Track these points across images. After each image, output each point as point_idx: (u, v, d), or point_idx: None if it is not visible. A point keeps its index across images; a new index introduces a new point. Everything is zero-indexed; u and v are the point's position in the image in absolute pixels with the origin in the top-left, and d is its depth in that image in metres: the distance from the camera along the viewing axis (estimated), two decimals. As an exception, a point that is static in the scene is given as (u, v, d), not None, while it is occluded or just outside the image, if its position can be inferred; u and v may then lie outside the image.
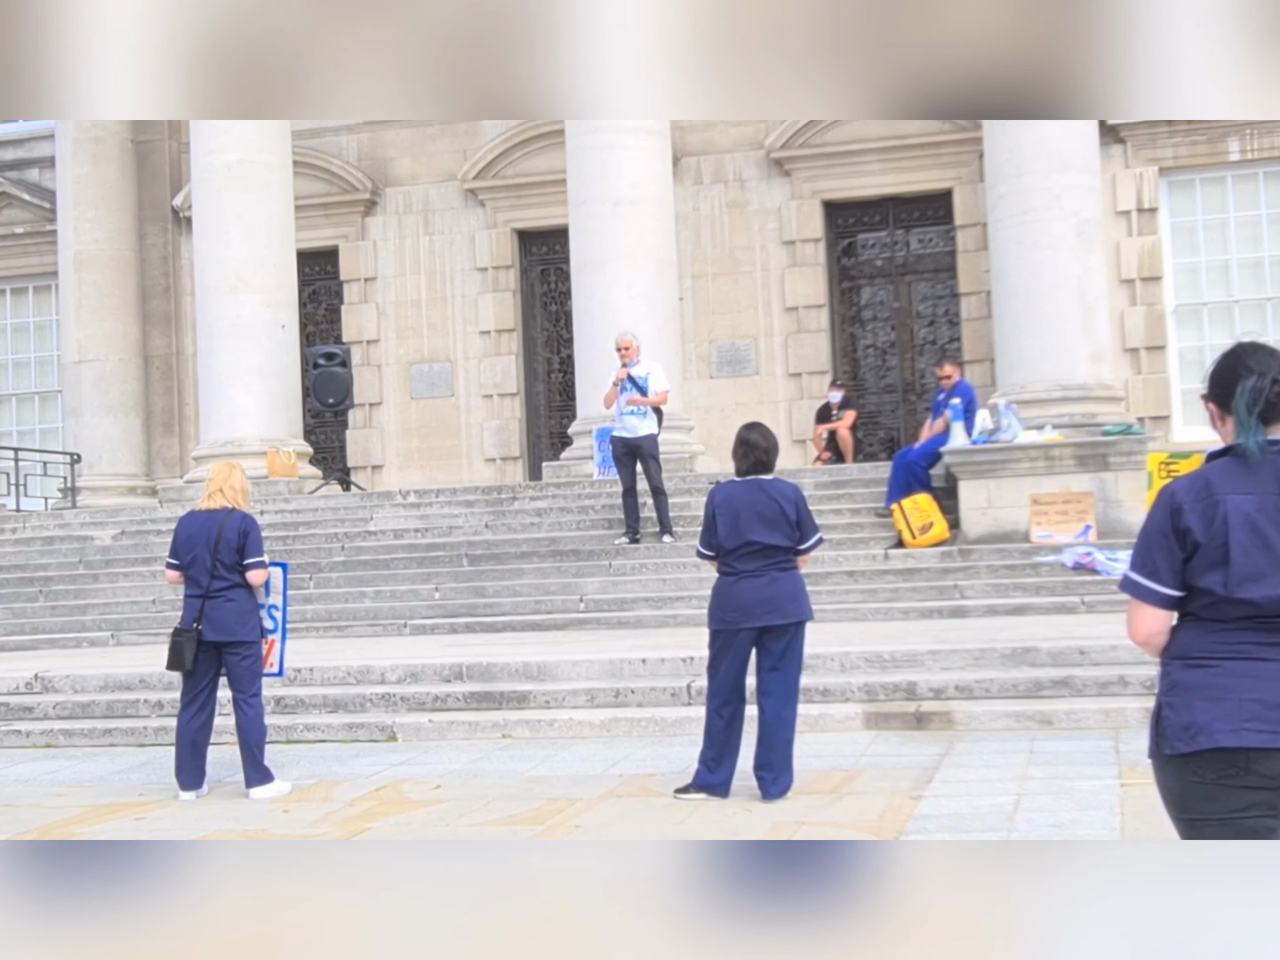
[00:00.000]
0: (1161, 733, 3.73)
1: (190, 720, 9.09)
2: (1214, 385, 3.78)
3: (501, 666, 11.32)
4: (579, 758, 9.57)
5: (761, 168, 21.06)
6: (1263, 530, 3.61)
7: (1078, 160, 16.28)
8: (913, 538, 14.56)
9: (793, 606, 8.01)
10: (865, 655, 10.74)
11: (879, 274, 21.50)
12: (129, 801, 9.01)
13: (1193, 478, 3.73)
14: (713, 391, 20.87)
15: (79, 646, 15.06)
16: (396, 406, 22.38)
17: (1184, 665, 3.72)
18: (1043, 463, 14.62)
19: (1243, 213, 19.49)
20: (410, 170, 22.49)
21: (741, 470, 8.15)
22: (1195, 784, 3.66)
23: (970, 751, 9.00)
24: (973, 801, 7.63)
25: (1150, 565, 3.71)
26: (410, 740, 10.57)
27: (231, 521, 9.07)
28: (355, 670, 11.64)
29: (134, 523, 18.13)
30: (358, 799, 8.65)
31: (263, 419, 18.72)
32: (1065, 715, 9.61)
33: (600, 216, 17.51)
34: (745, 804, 7.91)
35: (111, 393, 22.08)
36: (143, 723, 11.29)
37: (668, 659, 11.06)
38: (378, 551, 16.12)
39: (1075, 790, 7.73)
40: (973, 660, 10.56)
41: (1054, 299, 15.99)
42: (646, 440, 15.06)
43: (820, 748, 9.30)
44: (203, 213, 19.11)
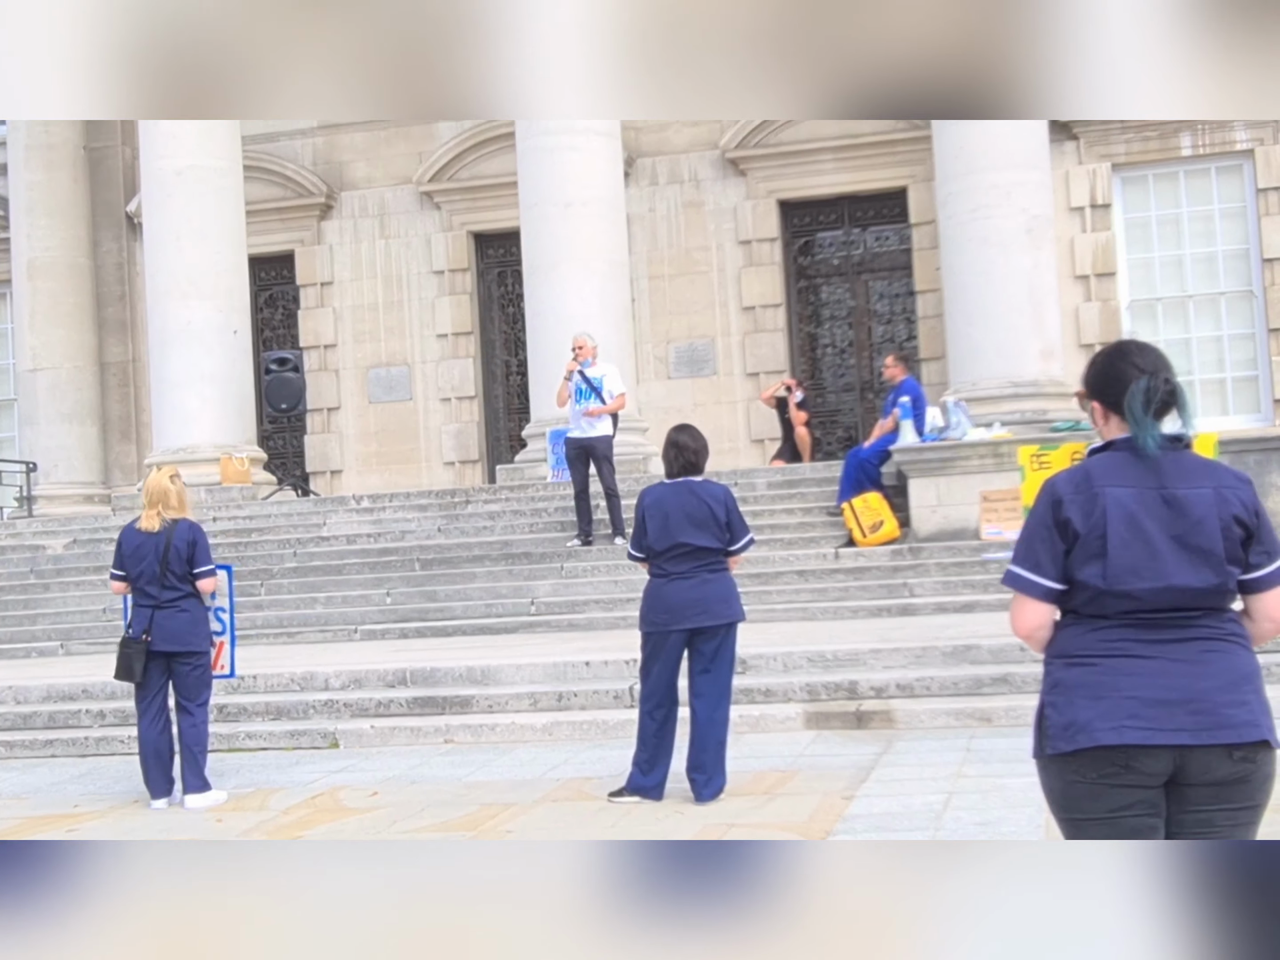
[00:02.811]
0: (1044, 732, 3.72)
1: (149, 729, 9.04)
2: (1098, 384, 3.76)
3: (445, 671, 11.27)
4: (519, 762, 9.54)
5: (717, 168, 21.04)
6: (1141, 523, 3.60)
7: (1027, 157, 16.29)
8: (863, 536, 14.55)
9: (723, 608, 7.99)
10: (808, 655, 10.72)
11: (835, 273, 21.51)
12: (64, 813, 8.93)
13: (1073, 471, 3.72)
14: (671, 392, 20.84)
15: (28, 657, 14.95)
16: (355, 411, 22.31)
17: (1065, 664, 3.71)
18: (992, 460, 14.61)
19: (1195, 208, 19.53)
20: (366, 174, 22.42)
21: (671, 472, 8.13)
22: (1077, 783, 3.65)
23: (908, 750, 8.99)
24: (904, 801, 7.62)
25: (1033, 558, 3.69)
26: (352, 747, 10.52)
27: (179, 530, 9.02)
28: (299, 677, 11.58)
29: (86, 531, 18.03)
30: (293, 807, 8.60)
31: (215, 425, 18.62)
32: (1004, 712, 9.60)
33: (551, 218, 17.48)
34: (678, 806, 7.88)
35: (67, 400, 21.96)
36: (85, 733, 11.20)
37: (611, 661, 11.02)
38: (330, 557, 16.05)
39: (1005, 788, 7.73)
40: (914, 659, 10.55)
41: (1004, 296, 16.00)
42: (600, 441, 15.01)
43: (760, 748, 9.28)
44: (153, 219, 19.01)
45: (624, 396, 15.48)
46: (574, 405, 15.14)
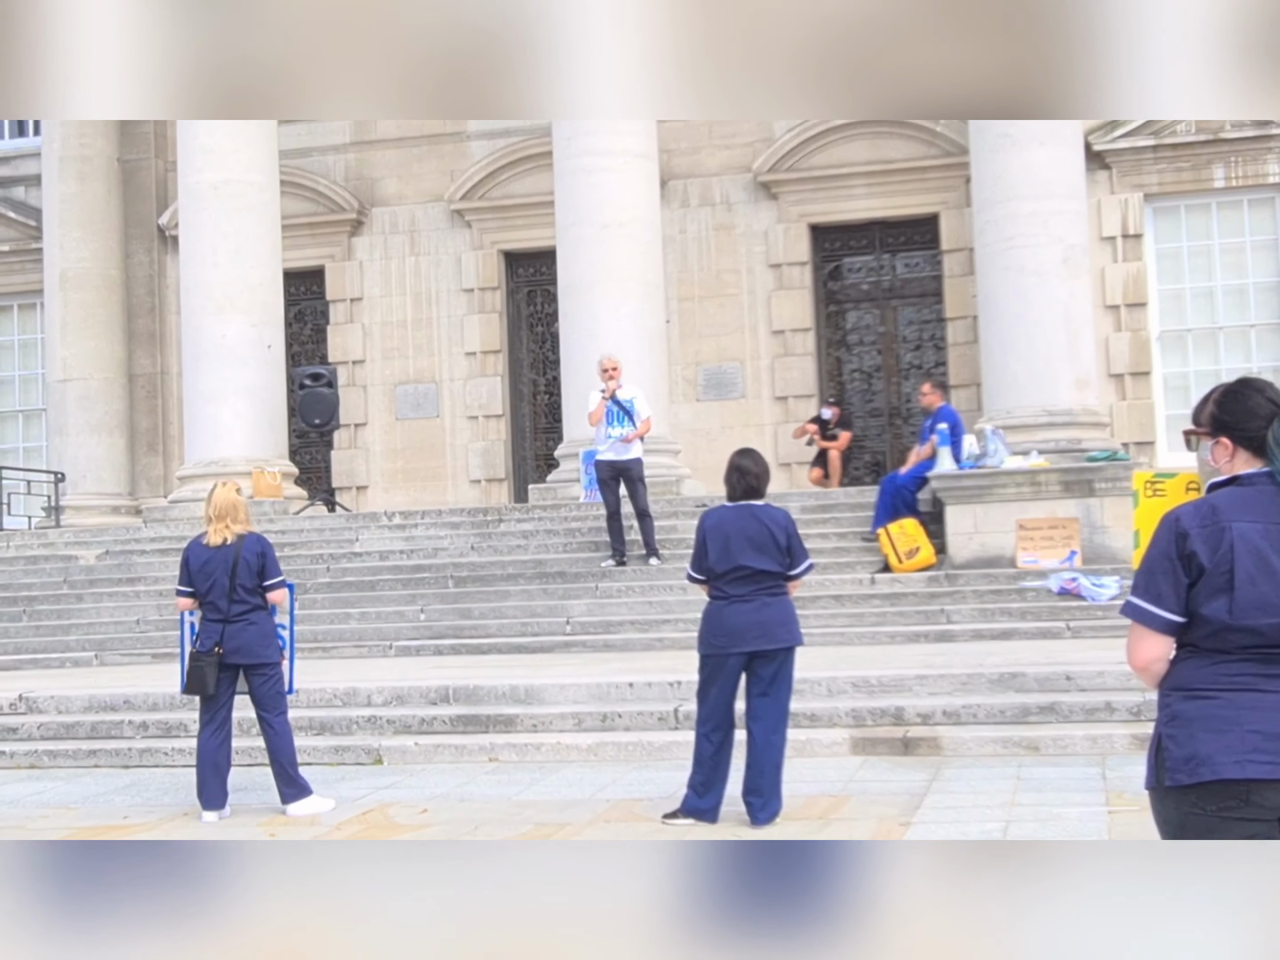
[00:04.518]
0: (1161, 764, 3.73)
1: (209, 740, 9.02)
2: (1229, 419, 3.79)
3: (488, 689, 11.30)
4: (566, 782, 9.55)
5: (748, 191, 21.11)
6: (1268, 558, 3.62)
7: (1064, 186, 16.35)
8: (899, 562, 14.57)
9: (783, 631, 8.01)
10: (852, 680, 10.74)
11: (865, 298, 21.56)
12: (114, 824, 8.95)
13: (1197, 504, 3.74)
14: (699, 415, 20.88)
15: (62, 666, 14.99)
16: (381, 427, 22.35)
17: (1184, 697, 3.72)
18: (1029, 488, 14.65)
19: (1227, 239, 19.58)
20: (397, 190, 22.50)
21: (733, 495, 8.15)
22: (1194, 815, 3.66)
23: (958, 778, 9.00)
24: (961, 828, 7.63)
25: (1154, 590, 3.71)
26: (396, 763, 10.54)
27: (248, 544, 9.07)
28: (341, 692, 11.60)
29: (118, 542, 18.07)
30: (344, 822, 8.62)
31: (248, 439, 18.67)
32: (1052, 741, 9.61)
33: (587, 239, 17.53)
34: (733, 829, 7.89)
35: (96, 411, 22.02)
36: (127, 744, 11.22)
37: (655, 683, 11.04)
38: (363, 573, 16.08)
39: (1063, 817, 7.73)
40: (960, 685, 10.57)
41: (1040, 324, 16.04)
42: (634, 464, 15.09)
43: (808, 773, 9.29)
44: (188, 233, 19.08)
45: (650, 420, 15.59)
46: (605, 427, 15.20)
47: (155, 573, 16.71)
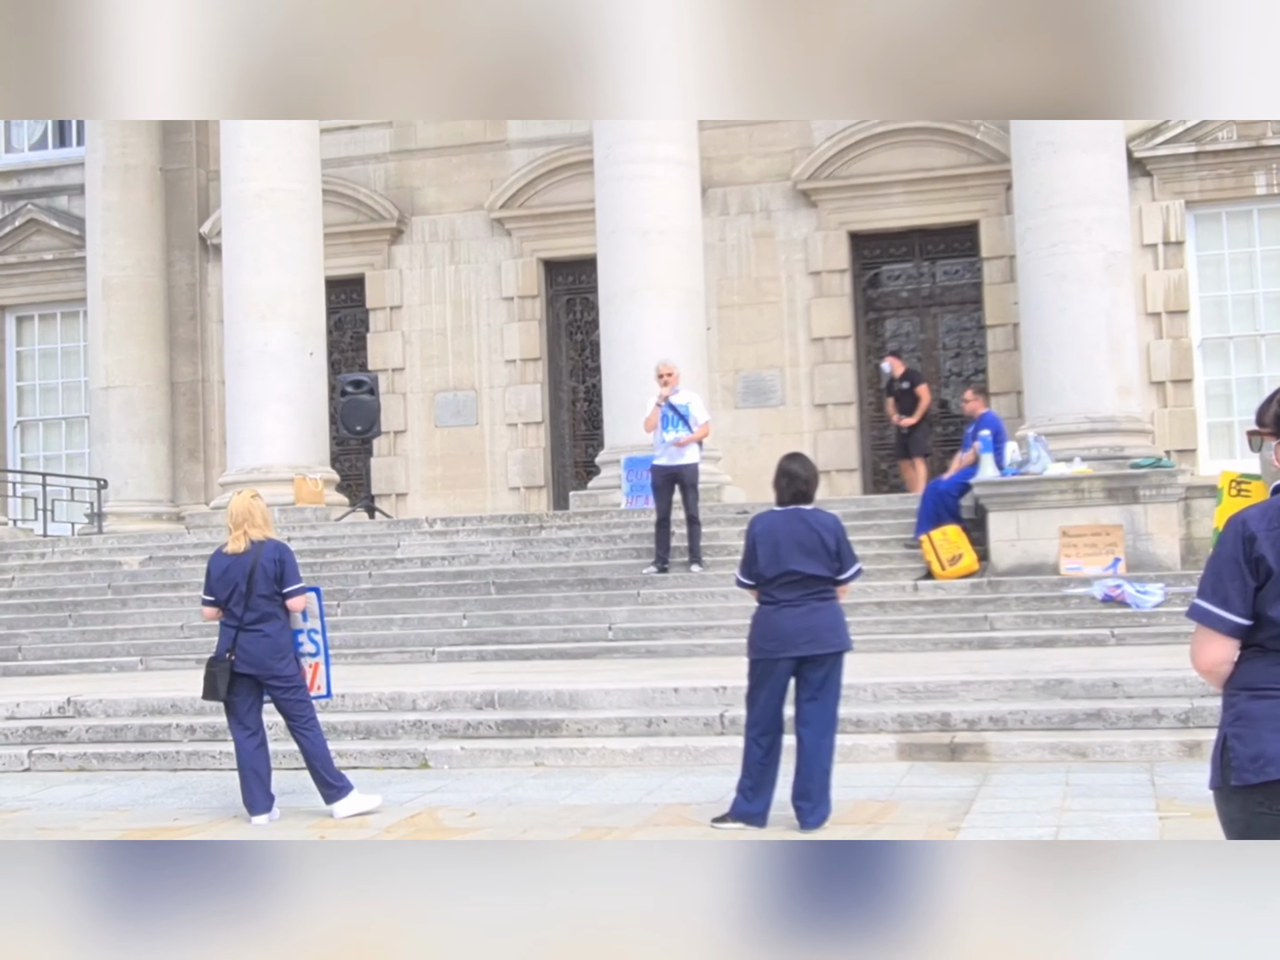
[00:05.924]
0: (1227, 763, 3.73)
1: (244, 746, 9.06)
2: None
3: (533, 694, 11.33)
4: (613, 786, 9.57)
5: (788, 199, 21.11)
6: None
7: (1106, 193, 16.30)
8: (942, 569, 14.55)
9: (832, 636, 8.02)
10: (898, 686, 10.73)
11: (904, 305, 21.53)
12: (165, 825, 9.02)
13: (1264, 507, 3.75)
14: (738, 422, 20.87)
15: (108, 671, 15.10)
16: (421, 434, 22.42)
17: (1251, 696, 3.72)
18: (1072, 495, 14.62)
19: (1269, 246, 19.47)
20: (437, 199, 22.58)
21: (782, 500, 8.17)
22: (1262, 815, 3.67)
23: (1006, 783, 8.98)
24: (1011, 833, 7.61)
25: (1221, 593, 3.72)
26: (443, 768, 10.58)
27: (266, 550, 9.07)
28: (387, 697, 11.65)
29: (161, 548, 18.18)
30: (393, 825, 8.66)
31: (290, 446, 18.76)
32: (1100, 748, 9.59)
33: (629, 247, 17.56)
34: (783, 834, 7.89)
35: (138, 419, 22.17)
36: (175, 747, 11.30)
37: (700, 688, 11.05)
38: (405, 579, 16.14)
39: (1113, 823, 7.71)
40: (1006, 691, 10.55)
41: (1082, 331, 15.99)
42: (688, 469, 15.08)
43: (855, 778, 9.28)
44: (231, 241, 19.20)
45: (708, 424, 15.58)
46: (660, 433, 15.19)
47: (198, 578, 16.68)
